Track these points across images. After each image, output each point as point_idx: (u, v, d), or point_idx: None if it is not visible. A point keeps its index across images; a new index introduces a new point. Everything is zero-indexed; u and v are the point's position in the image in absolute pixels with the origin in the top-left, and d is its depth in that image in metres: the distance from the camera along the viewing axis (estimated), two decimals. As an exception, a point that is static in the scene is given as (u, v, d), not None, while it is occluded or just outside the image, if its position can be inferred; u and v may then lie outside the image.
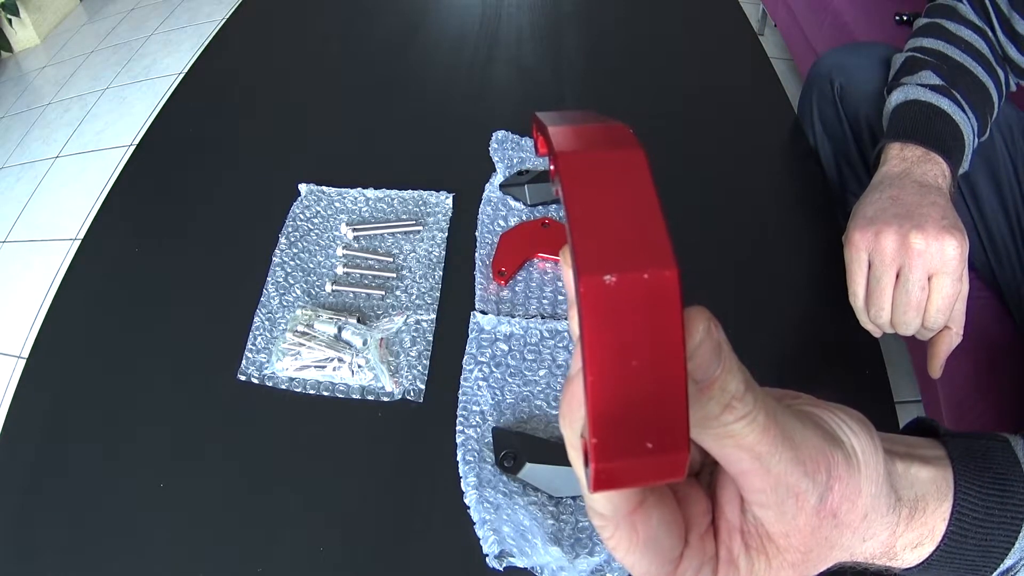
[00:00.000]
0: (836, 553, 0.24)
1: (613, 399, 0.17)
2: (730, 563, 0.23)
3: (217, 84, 0.93)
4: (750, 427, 0.20)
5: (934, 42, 0.70)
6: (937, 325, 0.56)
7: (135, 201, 0.77)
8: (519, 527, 0.48)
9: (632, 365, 0.17)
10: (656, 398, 0.17)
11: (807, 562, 0.23)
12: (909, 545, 0.27)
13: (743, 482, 0.22)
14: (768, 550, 0.23)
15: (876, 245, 0.56)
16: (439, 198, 0.72)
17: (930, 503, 0.27)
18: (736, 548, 0.23)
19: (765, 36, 2.16)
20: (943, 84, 0.66)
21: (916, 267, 0.55)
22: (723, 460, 0.21)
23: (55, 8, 2.63)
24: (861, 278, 0.58)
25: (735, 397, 0.20)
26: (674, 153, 0.76)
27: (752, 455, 0.20)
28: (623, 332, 0.17)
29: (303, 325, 0.60)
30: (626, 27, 1.00)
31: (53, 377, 0.60)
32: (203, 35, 2.36)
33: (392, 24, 1.02)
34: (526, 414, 0.55)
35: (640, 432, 0.17)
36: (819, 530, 0.22)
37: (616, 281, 0.17)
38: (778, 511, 0.22)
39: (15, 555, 0.50)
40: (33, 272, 1.66)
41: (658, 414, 0.17)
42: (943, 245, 0.54)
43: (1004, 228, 0.81)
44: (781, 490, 0.21)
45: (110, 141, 2.00)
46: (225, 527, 0.50)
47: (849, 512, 0.23)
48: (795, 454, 0.21)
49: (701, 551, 0.23)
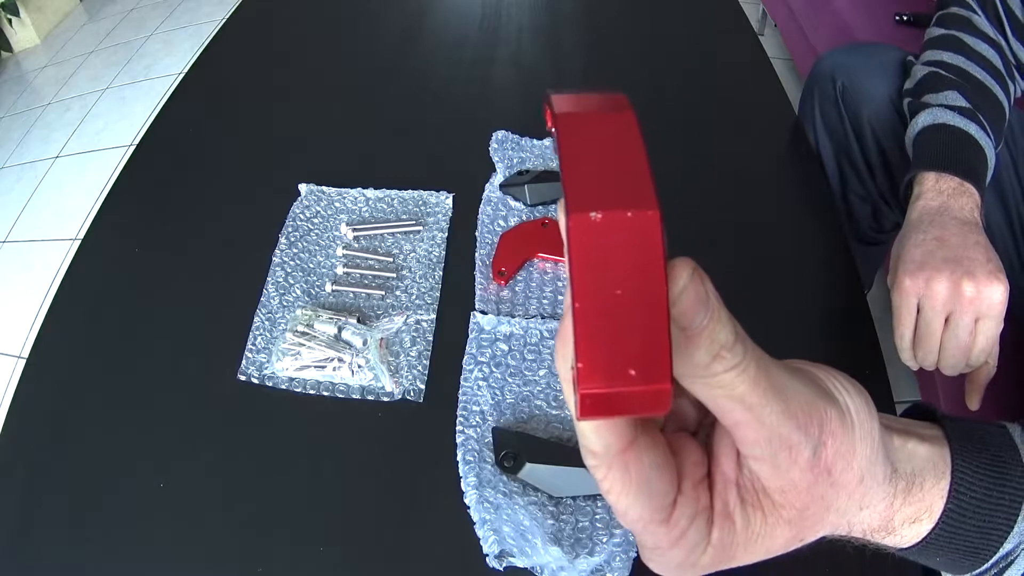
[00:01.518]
0: (832, 517, 0.24)
1: (598, 327, 0.18)
2: (726, 516, 0.23)
3: (217, 84, 0.93)
4: (740, 378, 0.20)
5: (954, 57, 0.71)
6: (979, 364, 0.61)
7: (135, 201, 0.77)
8: (519, 527, 0.48)
9: (617, 296, 0.18)
10: (640, 330, 0.18)
11: (803, 520, 0.23)
12: (907, 520, 0.27)
13: (737, 434, 0.22)
14: (764, 505, 0.23)
15: (927, 291, 0.59)
16: (439, 198, 0.72)
17: (927, 479, 0.27)
18: (732, 501, 0.23)
19: (765, 36, 2.16)
20: (969, 107, 0.67)
21: (967, 313, 0.58)
22: (716, 411, 0.22)
23: (55, 8, 2.63)
24: (910, 321, 0.61)
25: (724, 347, 0.20)
26: (674, 153, 0.76)
27: (744, 406, 0.21)
28: (608, 265, 0.18)
29: (303, 325, 0.60)
30: (626, 27, 1.00)
31: (53, 377, 0.60)
32: (203, 35, 2.36)
33: (392, 24, 1.02)
34: (526, 414, 0.55)
35: (624, 360, 0.18)
36: (814, 487, 0.22)
37: (602, 218, 0.18)
38: (772, 464, 0.22)
39: (15, 555, 0.50)
40: (33, 272, 1.66)
41: (642, 345, 0.18)
42: (992, 291, 0.57)
43: (1004, 228, 0.81)
44: (775, 442, 0.21)
45: (110, 141, 2.00)
46: (225, 527, 0.50)
47: (844, 472, 0.23)
48: (786, 407, 0.21)
49: (695, 500, 0.23)
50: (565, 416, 0.55)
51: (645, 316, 0.18)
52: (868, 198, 0.93)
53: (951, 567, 0.30)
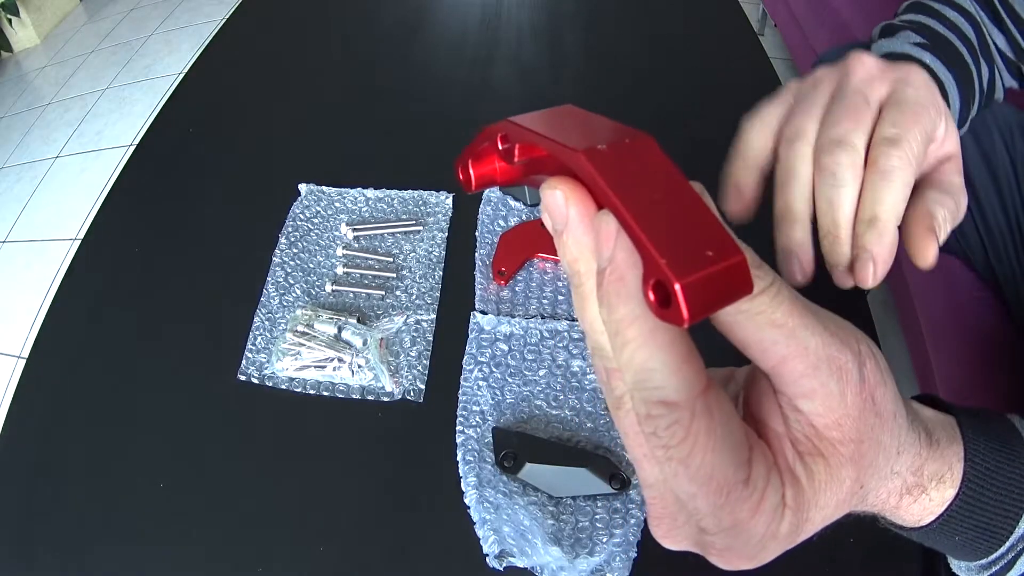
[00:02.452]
0: (882, 459, 0.23)
1: (659, 226, 0.18)
2: (789, 472, 0.21)
3: (217, 84, 0.93)
4: (777, 299, 0.20)
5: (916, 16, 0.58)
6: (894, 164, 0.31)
7: (135, 201, 0.77)
8: (519, 527, 0.48)
9: (656, 200, 0.19)
10: (691, 221, 0.19)
11: (861, 456, 0.22)
12: (935, 476, 0.27)
13: (784, 370, 0.21)
14: (823, 448, 0.22)
15: (805, 78, 0.38)
16: (439, 198, 0.72)
17: (943, 438, 0.27)
18: (791, 457, 0.22)
19: (765, 36, 2.16)
20: (925, 43, 0.54)
21: (859, 75, 0.35)
22: (759, 349, 0.21)
23: (55, 8, 2.63)
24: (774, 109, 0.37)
25: (752, 266, 0.19)
26: (673, 153, 0.76)
27: (786, 332, 0.20)
28: (634, 178, 0.19)
29: (303, 325, 0.60)
30: (626, 27, 1.00)
31: (53, 377, 0.60)
32: (203, 35, 2.37)
33: (392, 24, 1.02)
34: (526, 414, 0.55)
35: (697, 245, 0.18)
36: (864, 414, 0.22)
37: (607, 148, 0.20)
38: (824, 394, 0.21)
39: (15, 555, 0.50)
40: (33, 272, 1.66)
41: (700, 231, 0.18)
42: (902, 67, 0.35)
43: (1004, 228, 0.81)
44: (823, 368, 0.21)
45: (110, 141, 2.00)
46: (225, 527, 0.50)
47: (883, 399, 0.22)
48: (826, 326, 0.21)
49: (764, 454, 0.21)
50: (565, 416, 0.55)
51: (688, 209, 0.19)
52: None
53: (969, 548, 0.29)
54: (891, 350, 0.61)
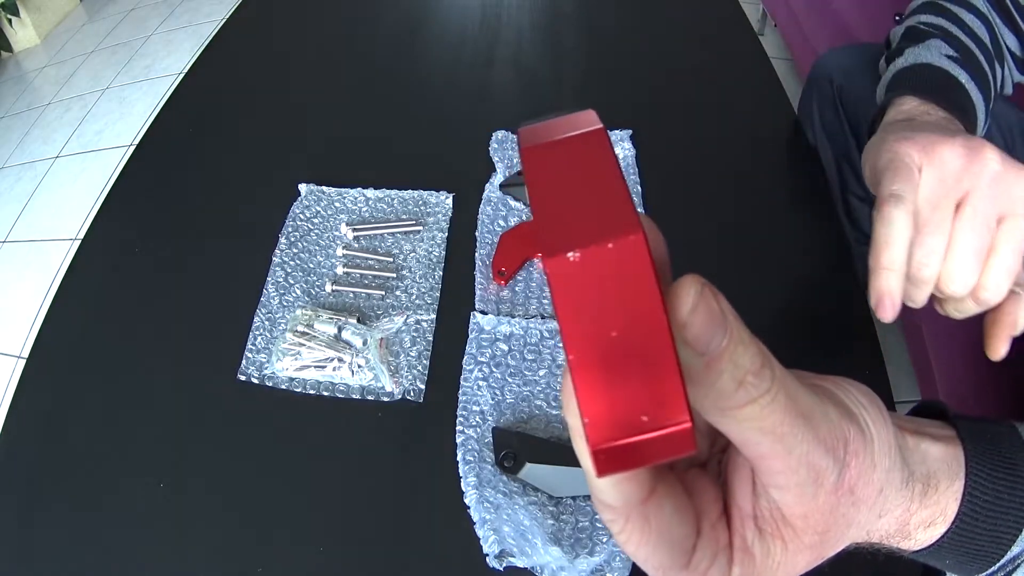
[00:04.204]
0: (852, 532, 0.23)
1: (599, 376, 0.17)
2: (744, 551, 0.22)
3: (217, 84, 0.93)
4: (770, 407, 0.19)
5: (936, 19, 0.59)
6: (996, 288, 0.39)
7: (135, 201, 0.77)
8: (519, 527, 0.48)
9: (613, 337, 0.17)
10: (645, 369, 0.17)
11: (824, 543, 0.22)
12: (923, 524, 0.27)
13: (762, 465, 0.20)
14: (784, 534, 0.22)
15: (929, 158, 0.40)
16: (439, 198, 0.72)
17: (942, 481, 0.27)
18: (750, 535, 0.22)
19: (765, 36, 2.16)
20: (959, 57, 0.54)
21: (986, 196, 0.38)
22: (741, 443, 0.20)
23: (55, 8, 2.63)
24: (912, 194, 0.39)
25: (750, 372, 0.18)
26: (674, 153, 0.76)
27: (774, 437, 0.19)
28: (598, 305, 0.17)
29: (303, 325, 0.60)
30: (626, 27, 1.00)
31: (53, 377, 0.60)
32: (203, 35, 2.37)
33: (392, 24, 1.02)
34: (526, 414, 0.55)
35: (634, 406, 0.17)
36: (837, 508, 0.21)
37: (580, 257, 0.16)
38: (798, 493, 0.21)
39: (15, 555, 0.50)
40: (33, 272, 1.66)
41: (651, 386, 0.17)
42: (1020, 177, 0.39)
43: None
44: (802, 472, 0.20)
45: (110, 141, 2.00)
46: (225, 527, 0.50)
47: (866, 487, 0.22)
48: (816, 433, 0.20)
49: (714, 540, 0.22)
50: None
51: (648, 352, 0.17)
52: (868, 198, 0.93)
53: (959, 569, 0.30)
54: (891, 350, 0.61)
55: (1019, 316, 0.39)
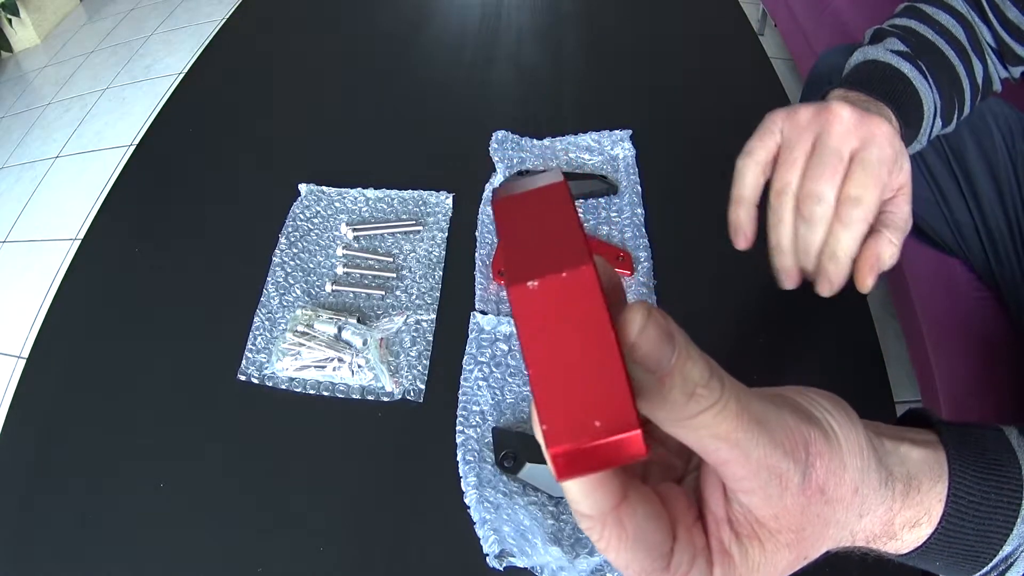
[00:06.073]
0: (833, 531, 0.24)
1: (555, 388, 0.19)
2: (723, 553, 0.23)
3: (217, 84, 0.93)
4: (722, 415, 0.20)
5: (905, 20, 0.62)
6: (855, 217, 0.42)
7: (135, 201, 0.77)
8: (519, 527, 0.48)
9: (568, 354, 0.19)
10: (597, 382, 0.19)
11: (802, 541, 0.23)
12: (907, 524, 0.27)
13: (724, 471, 0.22)
14: (760, 534, 0.23)
15: (789, 116, 0.46)
16: (439, 198, 0.72)
17: (924, 482, 0.27)
18: (727, 538, 0.23)
19: (765, 36, 2.16)
20: (907, 51, 0.58)
21: (834, 133, 0.43)
22: (702, 451, 0.21)
23: (55, 8, 2.63)
24: (763, 149, 0.47)
25: (699, 384, 0.20)
26: (673, 153, 0.76)
27: (729, 443, 0.21)
28: (554, 327, 0.19)
29: (303, 325, 0.60)
30: (626, 27, 1.00)
31: (53, 377, 0.60)
32: (203, 35, 2.37)
33: (392, 24, 1.02)
34: (526, 414, 0.55)
35: (587, 414, 0.19)
36: (808, 508, 0.22)
37: (538, 285, 0.19)
38: (763, 495, 0.22)
39: (15, 555, 0.50)
40: (33, 272, 1.66)
41: (602, 396, 0.19)
42: (871, 122, 0.44)
43: (1004, 228, 0.81)
44: (763, 474, 0.21)
45: (110, 141, 2.00)
46: (225, 527, 0.50)
47: (838, 487, 0.23)
48: (771, 437, 0.21)
49: (691, 544, 0.23)
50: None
51: (600, 367, 0.19)
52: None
53: (951, 570, 0.30)
54: (891, 350, 0.61)
55: (883, 252, 0.44)
